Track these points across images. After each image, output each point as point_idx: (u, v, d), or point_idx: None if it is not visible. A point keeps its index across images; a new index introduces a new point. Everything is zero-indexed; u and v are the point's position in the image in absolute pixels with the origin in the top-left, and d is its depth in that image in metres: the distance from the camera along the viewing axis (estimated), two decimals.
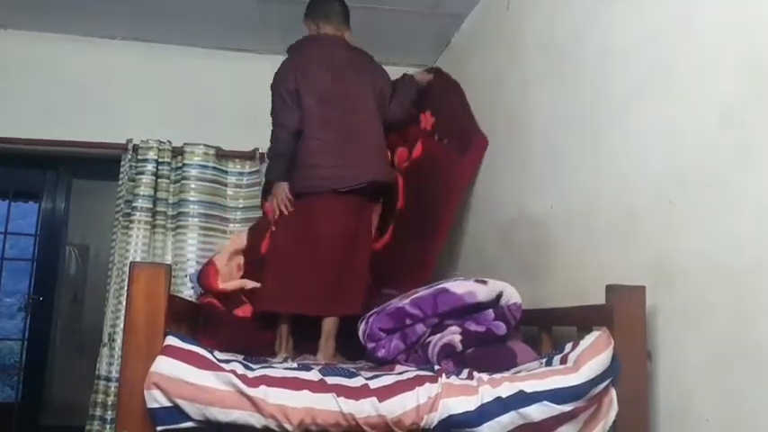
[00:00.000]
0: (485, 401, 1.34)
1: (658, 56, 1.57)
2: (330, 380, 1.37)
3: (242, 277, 2.50)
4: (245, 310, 2.34)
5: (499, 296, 1.77)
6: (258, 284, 2.37)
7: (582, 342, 1.43)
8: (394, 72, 2.66)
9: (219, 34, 3.35)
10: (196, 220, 3.16)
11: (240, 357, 1.61)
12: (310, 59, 2.38)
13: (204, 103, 3.40)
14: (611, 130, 1.77)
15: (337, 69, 2.38)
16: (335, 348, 2.22)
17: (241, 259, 2.56)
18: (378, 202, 2.55)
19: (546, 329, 1.82)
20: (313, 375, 1.39)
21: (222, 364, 1.36)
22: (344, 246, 2.27)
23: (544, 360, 1.52)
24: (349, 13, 2.55)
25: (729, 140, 1.32)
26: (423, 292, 1.83)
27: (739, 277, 1.27)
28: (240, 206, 3.29)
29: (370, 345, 1.81)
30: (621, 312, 1.44)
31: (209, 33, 3.34)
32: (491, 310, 1.77)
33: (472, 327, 1.75)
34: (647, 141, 1.59)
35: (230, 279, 2.47)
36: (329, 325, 2.19)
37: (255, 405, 1.30)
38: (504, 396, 1.34)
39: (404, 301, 1.81)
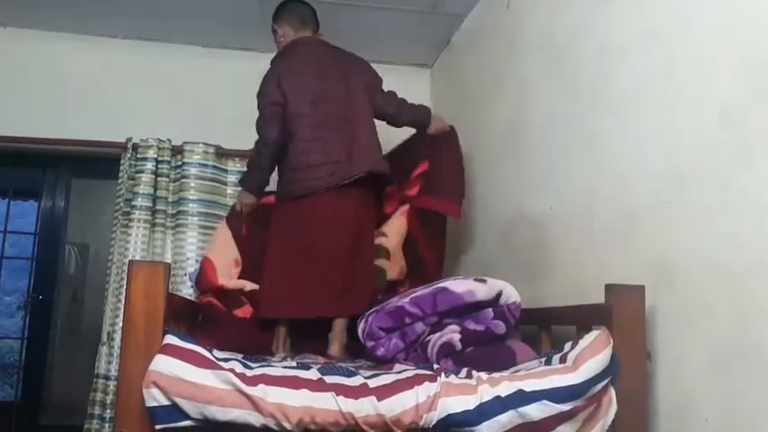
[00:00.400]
0: (484, 400, 1.33)
1: (658, 55, 1.57)
2: (329, 379, 1.37)
3: (240, 273, 2.49)
4: (244, 311, 2.32)
5: (498, 295, 1.77)
6: (257, 286, 2.36)
7: (581, 341, 1.43)
8: (393, 71, 2.65)
9: (220, 33, 3.34)
10: (196, 218, 3.15)
11: (239, 356, 1.60)
12: (296, 66, 2.37)
13: (204, 102, 3.39)
14: (610, 129, 1.77)
15: (326, 71, 2.37)
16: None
17: (236, 253, 2.54)
18: (376, 200, 2.52)
19: (545, 329, 1.82)
20: (312, 374, 1.38)
21: (221, 363, 1.35)
22: (349, 242, 2.24)
23: (543, 359, 1.52)
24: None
25: (729, 140, 1.32)
26: (422, 290, 1.82)
27: (739, 277, 1.27)
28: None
29: (370, 343, 1.80)
30: (621, 312, 1.44)
31: (210, 32, 3.33)
32: (490, 309, 1.77)
33: (471, 326, 1.75)
34: (646, 141, 1.59)
35: (228, 274, 2.46)
36: (341, 324, 2.17)
37: (254, 404, 1.30)
38: (503, 395, 1.34)
39: (403, 300, 1.81)
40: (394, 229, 2.50)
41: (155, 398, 1.31)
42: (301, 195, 2.24)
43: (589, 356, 1.37)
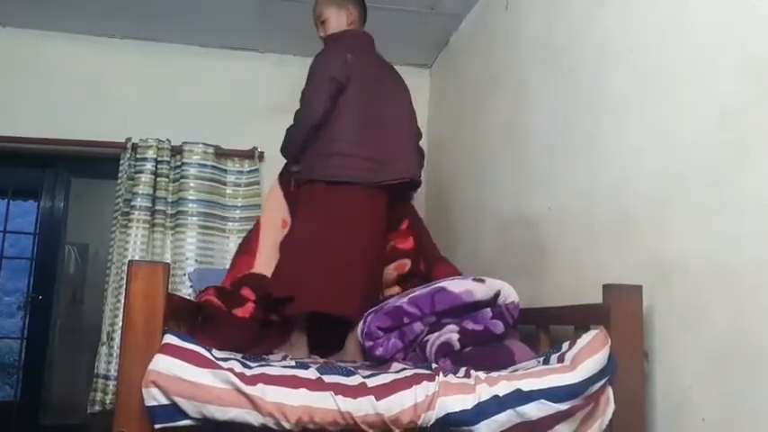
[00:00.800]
0: (482, 400, 1.34)
1: (656, 56, 1.58)
2: (328, 378, 1.37)
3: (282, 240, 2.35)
4: (244, 311, 2.29)
5: (497, 295, 1.77)
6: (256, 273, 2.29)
7: (579, 341, 1.43)
8: None
9: (219, 33, 3.34)
10: (195, 219, 3.16)
11: (238, 356, 1.61)
12: (362, 53, 2.30)
13: (203, 102, 3.40)
14: (608, 130, 1.77)
15: (382, 70, 2.36)
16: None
17: (286, 212, 2.42)
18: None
19: (543, 328, 1.83)
20: (311, 373, 1.39)
21: (220, 362, 1.36)
22: (375, 244, 2.21)
23: (541, 359, 1.52)
24: None
25: (728, 141, 1.33)
26: (420, 290, 1.83)
27: (737, 277, 1.27)
28: (239, 205, 3.29)
29: (368, 343, 1.80)
30: (618, 311, 1.44)
31: (209, 32, 3.33)
32: (489, 309, 1.77)
33: (470, 325, 1.75)
34: (645, 141, 1.60)
35: (275, 233, 2.35)
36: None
37: (253, 403, 1.30)
38: (501, 394, 1.34)
39: (402, 300, 1.81)
40: (392, 277, 2.40)
41: (154, 397, 1.31)
42: (335, 182, 2.16)
43: (587, 356, 1.37)
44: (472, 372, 1.44)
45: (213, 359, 1.36)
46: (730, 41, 1.34)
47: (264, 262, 2.31)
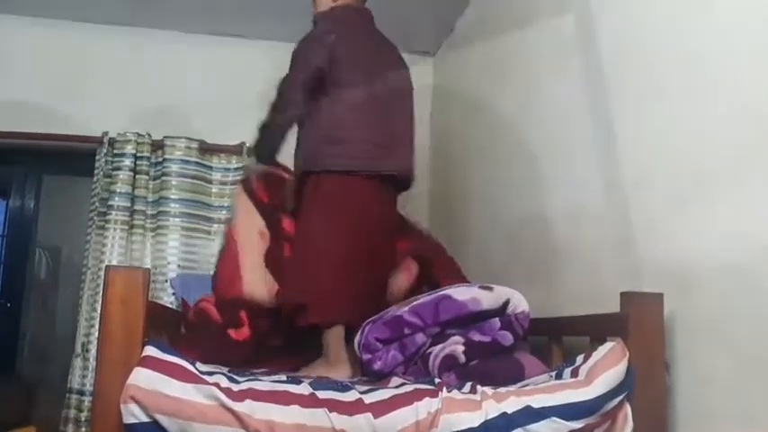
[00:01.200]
0: (489, 417, 1.34)
1: (678, 42, 1.58)
2: (322, 394, 1.38)
3: (266, 254, 2.31)
4: (239, 334, 2.23)
5: (505, 304, 1.78)
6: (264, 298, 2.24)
7: (594, 353, 1.43)
8: None
9: (204, 17, 3.34)
10: (177, 220, 3.16)
11: (225, 369, 1.61)
12: (356, 29, 2.31)
13: (187, 93, 3.39)
14: (626, 124, 1.78)
15: (382, 52, 2.36)
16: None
17: (261, 222, 2.36)
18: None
19: (556, 340, 1.83)
20: (303, 389, 1.39)
21: (205, 377, 1.36)
22: (385, 241, 2.22)
23: (554, 373, 1.53)
24: None
25: (750, 138, 1.33)
26: (423, 298, 1.83)
27: (765, 281, 1.28)
28: (225, 205, 3.29)
29: (366, 356, 1.80)
30: (637, 321, 1.45)
31: (193, 16, 3.33)
32: (497, 319, 1.77)
33: (476, 337, 1.76)
34: (664, 138, 1.60)
35: (257, 247, 2.30)
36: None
37: (240, 420, 1.30)
38: (509, 411, 1.35)
39: (402, 309, 1.81)
40: (401, 287, 2.36)
41: (133, 414, 1.31)
42: (339, 172, 2.15)
43: (603, 370, 1.37)
44: (478, 387, 1.45)
45: (197, 373, 1.37)
46: (757, 30, 1.34)
47: (251, 283, 2.26)
